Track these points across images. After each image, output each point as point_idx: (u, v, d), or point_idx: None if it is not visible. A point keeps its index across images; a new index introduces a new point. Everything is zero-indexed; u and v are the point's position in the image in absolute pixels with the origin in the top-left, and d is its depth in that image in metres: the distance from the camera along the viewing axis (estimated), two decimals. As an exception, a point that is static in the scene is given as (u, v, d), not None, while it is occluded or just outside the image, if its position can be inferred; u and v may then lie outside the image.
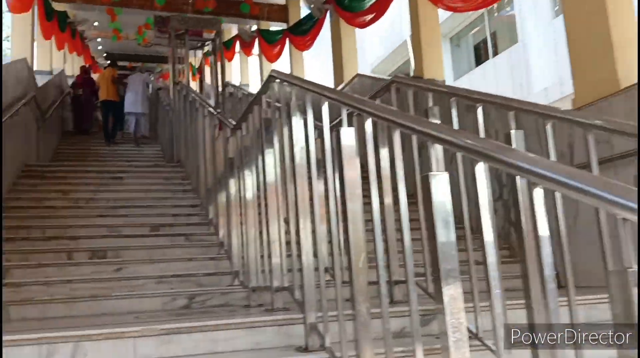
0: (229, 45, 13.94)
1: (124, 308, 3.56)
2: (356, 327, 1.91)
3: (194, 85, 25.68)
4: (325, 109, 2.20)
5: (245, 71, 16.11)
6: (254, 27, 13.23)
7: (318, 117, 2.34)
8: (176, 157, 7.65)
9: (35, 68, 9.20)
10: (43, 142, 7.97)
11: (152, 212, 5.43)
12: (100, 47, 19.32)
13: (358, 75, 8.34)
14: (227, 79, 11.81)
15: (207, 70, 15.35)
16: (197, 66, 21.80)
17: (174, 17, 7.80)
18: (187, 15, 9.04)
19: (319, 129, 2.43)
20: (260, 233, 3.44)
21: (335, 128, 1.99)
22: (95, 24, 14.74)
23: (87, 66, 13.25)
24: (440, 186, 1.47)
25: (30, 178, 6.22)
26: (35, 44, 8.41)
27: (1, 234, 1.81)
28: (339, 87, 8.77)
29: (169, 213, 5.41)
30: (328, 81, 10.79)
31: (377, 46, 16.38)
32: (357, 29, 8.90)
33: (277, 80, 2.78)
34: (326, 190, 2.42)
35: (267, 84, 2.94)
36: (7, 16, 8.35)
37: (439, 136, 1.55)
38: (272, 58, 12.14)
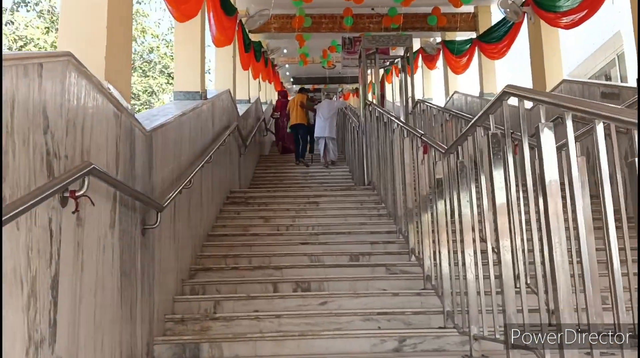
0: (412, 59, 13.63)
1: (333, 349, 3.38)
2: None
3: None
4: (600, 131, 1.72)
5: (428, 85, 15.65)
6: (438, 39, 12.77)
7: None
8: (367, 179, 7.50)
9: (236, 98, 9.83)
10: (244, 167, 8.40)
11: (350, 239, 5.27)
12: (287, 73, 20.42)
13: (564, 81, 7.42)
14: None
15: (387, 86, 15.36)
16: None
17: (364, 37, 7.69)
18: (378, 34, 8.95)
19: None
20: (484, 264, 3.02)
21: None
22: (285, 51, 15.49)
23: (284, 91, 14.24)
24: None
25: (235, 205, 6.51)
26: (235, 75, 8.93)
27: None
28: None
29: (367, 241, 5.20)
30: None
31: (574, 47, 14.75)
32: (560, 30, 7.99)
33: (514, 97, 2.35)
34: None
35: (498, 101, 2.52)
36: (209, 50, 9.05)
37: None
38: (459, 69, 11.54)
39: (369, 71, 9.29)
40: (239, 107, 9.17)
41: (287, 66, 18.42)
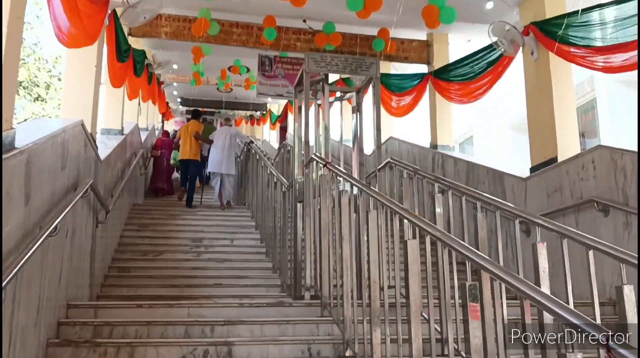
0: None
1: None
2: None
3: (272, 135, 23.08)
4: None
5: (345, 125, 13.21)
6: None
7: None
8: (306, 284, 4.60)
9: (100, 127, 6.73)
10: (101, 243, 5.22)
11: None
12: (175, 92, 17.23)
13: (599, 147, 5.16)
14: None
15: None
16: (278, 113, 19.31)
17: (308, 56, 4.92)
18: (330, 54, 6.31)
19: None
20: None
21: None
22: (174, 66, 12.50)
23: (168, 132, 13.42)
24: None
25: (73, 347, 3.36)
26: (101, 95, 5.83)
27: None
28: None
29: None
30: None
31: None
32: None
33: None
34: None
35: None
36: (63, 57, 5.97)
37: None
38: (400, 111, 9.05)
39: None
40: (105, 143, 6.08)
41: (175, 84, 15.21)
